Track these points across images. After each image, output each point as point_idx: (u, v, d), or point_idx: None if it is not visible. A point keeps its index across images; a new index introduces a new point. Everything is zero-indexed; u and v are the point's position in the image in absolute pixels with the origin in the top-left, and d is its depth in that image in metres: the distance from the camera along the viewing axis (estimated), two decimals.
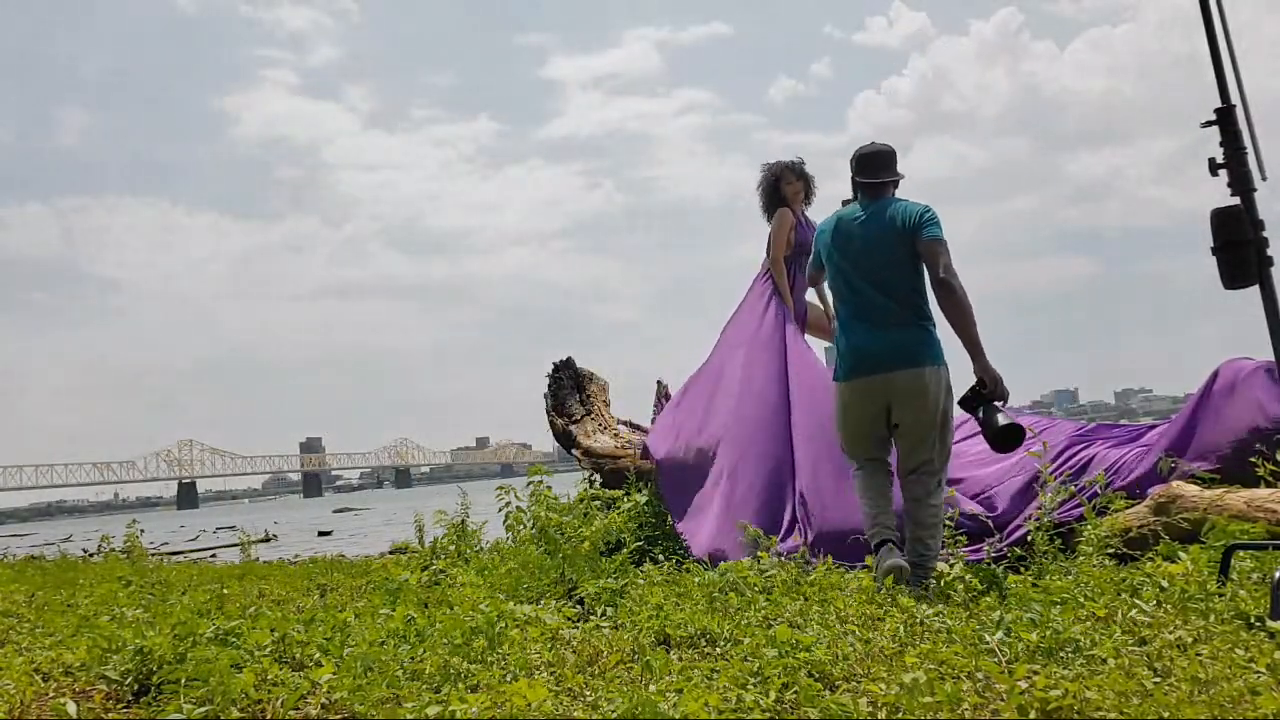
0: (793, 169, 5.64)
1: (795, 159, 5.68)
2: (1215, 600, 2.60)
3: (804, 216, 5.65)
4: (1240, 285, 2.36)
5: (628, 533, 4.75)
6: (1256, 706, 1.78)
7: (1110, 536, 3.65)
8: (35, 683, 2.70)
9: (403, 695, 2.31)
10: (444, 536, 5.66)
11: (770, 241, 5.66)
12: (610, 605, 3.49)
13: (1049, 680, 1.91)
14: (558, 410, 6.55)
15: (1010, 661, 2.18)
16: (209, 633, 2.81)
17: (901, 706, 1.92)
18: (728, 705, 2.01)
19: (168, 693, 2.40)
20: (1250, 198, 2.36)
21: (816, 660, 2.32)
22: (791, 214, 5.61)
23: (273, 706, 2.30)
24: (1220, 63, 2.44)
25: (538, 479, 5.10)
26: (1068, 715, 1.81)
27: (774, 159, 5.73)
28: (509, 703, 2.10)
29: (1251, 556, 2.99)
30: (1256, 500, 3.46)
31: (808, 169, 5.67)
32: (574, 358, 6.85)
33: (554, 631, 2.94)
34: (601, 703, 2.16)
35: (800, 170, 5.64)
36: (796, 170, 5.64)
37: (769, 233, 5.67)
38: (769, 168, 5.68)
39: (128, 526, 9.01)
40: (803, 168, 5.66)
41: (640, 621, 3.04)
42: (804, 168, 5.66)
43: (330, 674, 2.47)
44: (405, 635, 2.95)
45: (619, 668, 2.51)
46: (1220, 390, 4.10)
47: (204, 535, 26.76)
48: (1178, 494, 3.67)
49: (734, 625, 2.89)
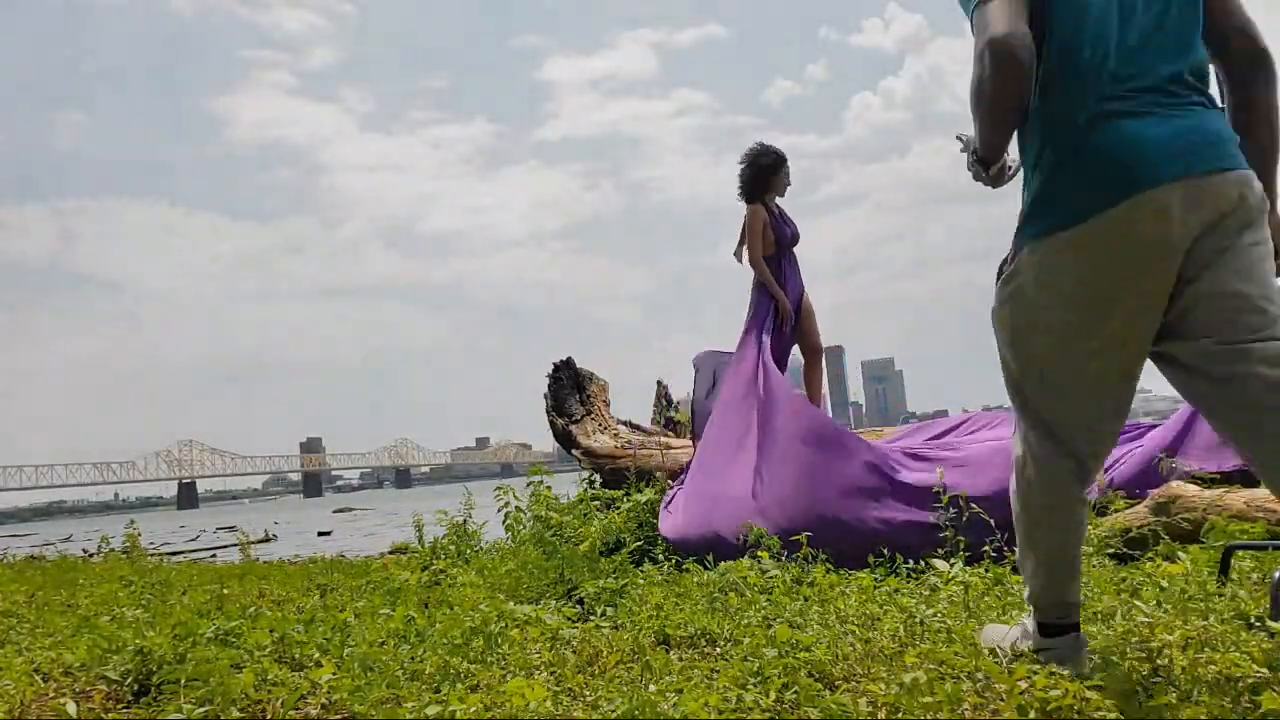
0: (786, 162, 5.61)
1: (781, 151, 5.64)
2: (1215, 600, 2.60)
3: (779, 209, 5.60)
4: None
5: (628, 533, 4.75)
6: (1256, 706, 1.78)
7: (1110, 536, 3.65)
8: (35, 683, 2.70)
9: (403, 695, 2.31)
10: (444, 537, 5.66)
11: (744, 238, 5.59)
12: (610, 605, 3.49)
13: (1049, 680, 1.91)
14: (558, 410, 6.55)
15: (1010, 661, 2.17)
16: (209, 633, 2.82)
17: (901, 706, 1.92)
18: (728, 705, 2.01)
19: (168, 693, 2.40)
20: None
21: (816, 660, 2.32)
22: (765, 209, 5.54)
23: (273, 706, 2.30)
24: None
25: (537, 479, 5.12)
26: (1068, 715, 1.81)
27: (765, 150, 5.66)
28: (509, 703, 2.10)
29: (1251, 556, 2.99)
30: (1256, 500, 3.46)
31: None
32: (574, 358, 6.85)
33: (554, 631, 2.94)
34: (601, 703, 2.16)
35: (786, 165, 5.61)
36: (786, 164, 5.60)
37: (742, 226, 5.60)
38: (763, 152, 5.60)
39: (127, 526, 9.00)
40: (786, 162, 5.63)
41: (640, 621, 3.04)
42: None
43: (330, 674, 2.47)
44: (405, 635, 2.95)
45: (619, 668, 2.51)
46: None
47: (204, 535, 26.77)
48: (1178, 494, 3.67)
49: (734, 625, 2.89)
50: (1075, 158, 1.81)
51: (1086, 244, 1.77)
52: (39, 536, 29.95)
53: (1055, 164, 1.84)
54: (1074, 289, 1.81)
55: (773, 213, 5.54)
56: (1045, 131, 1.86)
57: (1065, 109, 1.83)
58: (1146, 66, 1.81)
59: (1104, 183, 1.76)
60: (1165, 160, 1.75)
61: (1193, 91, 1.83)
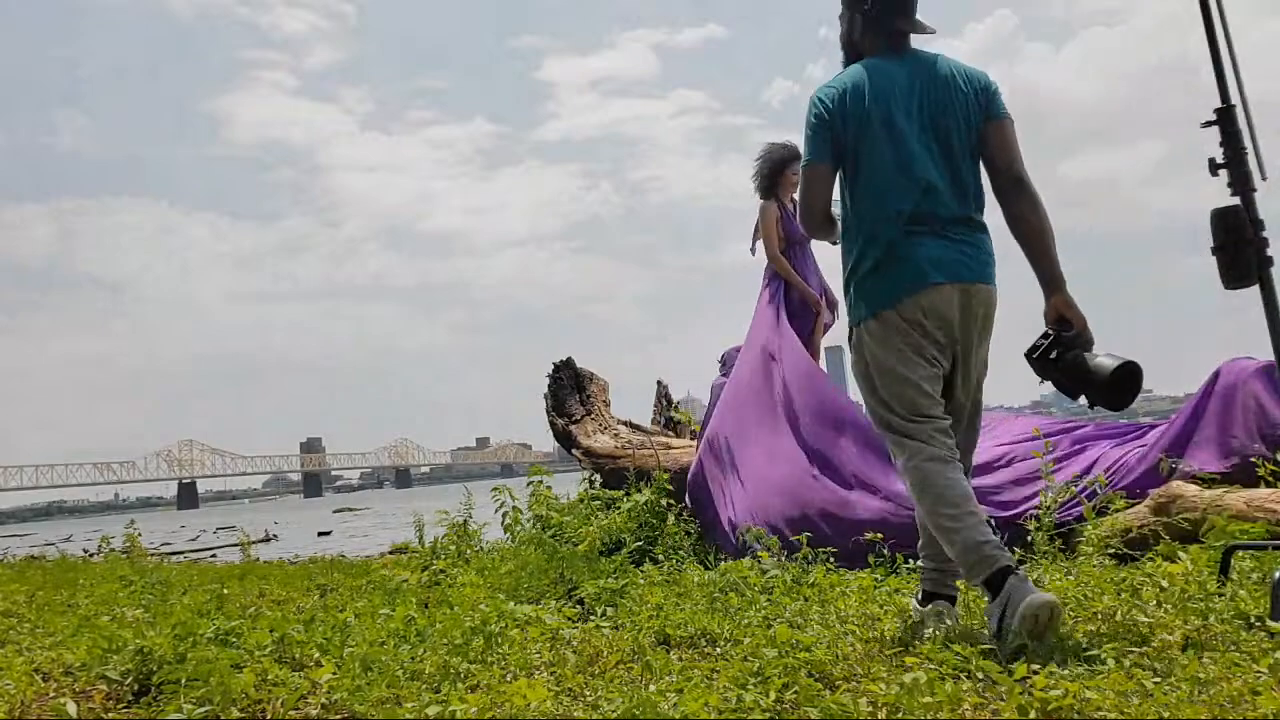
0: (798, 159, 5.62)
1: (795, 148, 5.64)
2: (1215, 600, 2.60)
3: (792, 207, 5.61)
4: (1240, 285, 2.35)
5: (628, 533, 4.75)
6: (1256, 706, 1.78)
7: (1110, 536, 3.65)
8: (35, 683, 2.70)
9: (403, 695, 2.31)
10: (444, 536, 5.66)
11: (758, 235, 5.62)
12: (610, 605, 3.49)
13: (1049, 680, 1.91)
14: (558, 410, 6.54)
15: (1010, 661, 2.17)
16: (209, 633, 2.82)
17: (901, 706, 1.92)
18: (728, 705, 2.01)
19: (168, 693, 2.40)
20: (1250, 198, 2.36)
21: (816, 660, 2.32)
22: (777, 207, 5.56)
23: (273, 706, 2.31)
24: (1220, 63, 2.43)
25: (537, 479, 5.12)
26: (1068, 715, 1.81)
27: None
28: (509, 703, 2.10)
29: (1251, 556, 2.98)
30: (1256, 500, 3.46)
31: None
32: (574, 358, 6.85)
33: (554, 631, 2.94)
34: (601, 703, 2.16)
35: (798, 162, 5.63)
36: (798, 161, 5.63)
37: (755, 224, 5.63)
38: (777, 149, 5.62)
39: (127, 526, 9.00)
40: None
41: (640, 621, 3.04)
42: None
43: (330, 674, 2.47)
44: (405, 635, 2.96)
45: (619, 668, 2.51)
46: (1220, 390, 4.10)
47: (204, 535, 26.75)
48: (1178, 494, 3.67)
49: (734, 625, 2.89)
50: (889, 264, 2.64)
51: (903, 317, 2.61)
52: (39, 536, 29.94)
53: (874, 266, 2.66)
54: (900, 343, 2.62)
55: (785, 209, 5.57)
56: (865, 243, 2.68)
57: (881, 230, 2.65)
58: (941, 205, 2.63)
59: (909, 280, 2.60)
60: (947, 270, 2.60)
61: (971, 224, 2.67)
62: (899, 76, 2.68)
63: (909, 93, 2.66)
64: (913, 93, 2.67)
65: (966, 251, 2.63)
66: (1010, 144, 2.69)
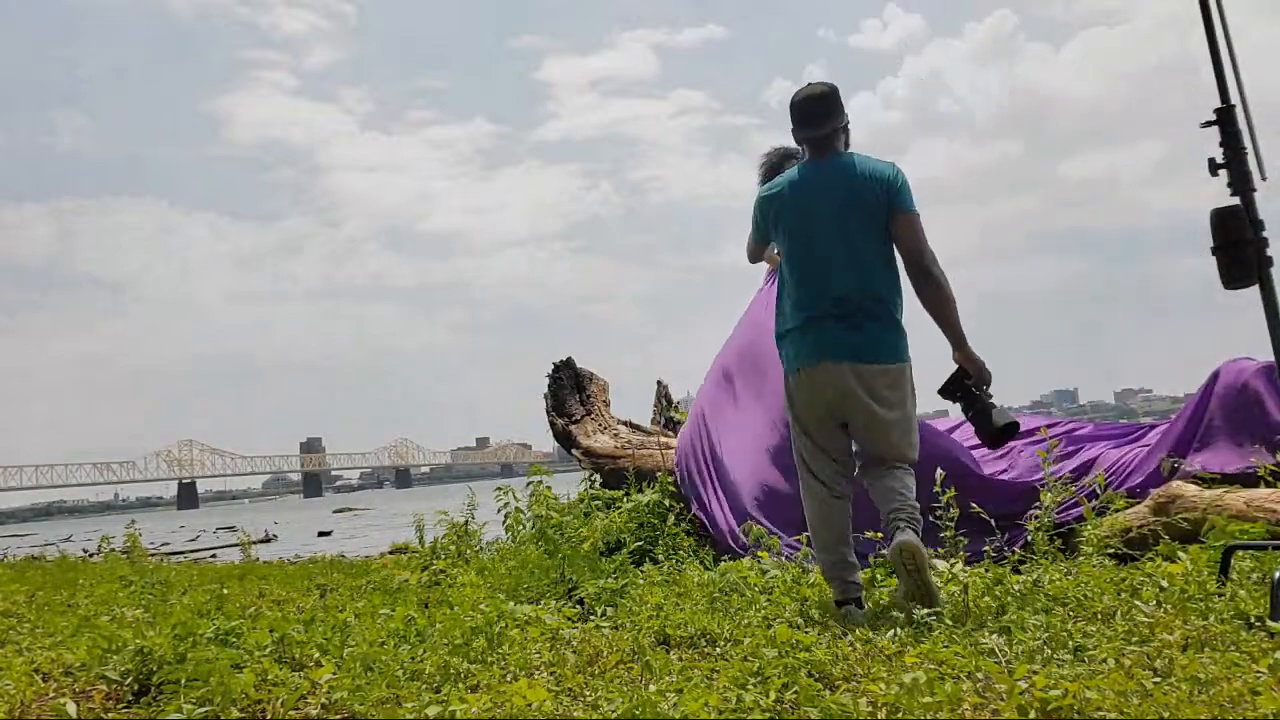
0: (796, 159, 5.65)
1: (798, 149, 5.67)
2: (1215, 600, 2.60)
3: None
4: (1240, 285, 2.36)
5: (628, 533, 4.75)
6: (1256, 706, 1.78)
7: (1110, 536, 3.65)
8: (35, 683, 2.70)
9: (403, 695, 2.31)
10: (444, 536, 5.66)
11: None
12: (610, 605, 3.49)
13: (1049, 680, 1.91)
14: (558, 410, 6.54)
15: (1010, 661, 2.17)
16: (209, 633, 2.81)
17: (901, 706, 1.92)
18: (728, 705, 2.01)
19: (168, 693, 2.40)
20: (1250, 198, 2.36)
21: (816, 660, 2.32)
22: None
23: (273, 706, 2.30)
24: (1220, 62, 2.43)
25: (538, 479, 5.12)
26: (1068, 715, 1.81)
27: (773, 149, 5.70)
28: (509, 703, 2.10)
29: (1251, 556, 2.98)
30: (1256, 500, 3.46)
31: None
32: (574, 358, 6.85)
33: (554, 631, 2.94)
34: (601, 703, 2.16)
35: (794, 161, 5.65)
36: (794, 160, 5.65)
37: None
38: (776, 152, 5.66)
39: (127, 527, 9.00)
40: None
41: (640, 621, 3.04)
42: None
43: (330, 674, 2.47)
44: (405, 635, 2.95)
45: (619, 668, 2.51)
46: (1220, 391, 4.10)
47: (204, 535, 26.78)
48: (1178, 494, 3.67)
49: (734, 625, 2.89)
50: (802, 334, 3.23)
51: (805, 380, 3.22)
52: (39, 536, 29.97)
53: (792, 332, 3.27)
54: (805, 399, 3.25)
55: None
56: (792, 312, 3.28)
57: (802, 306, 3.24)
58: (850, 291, 3.16)
59: (814, 353, 3.19)
60: (846, 350, 3.14)
61: (877, 311, 3.17)
62: (816, 180, 3.29)
63: (824, 192, 3.24)
64: (828, 192, 3.24)
65: (854, 336, 3.16)
66: (916, 235, 3.19)
